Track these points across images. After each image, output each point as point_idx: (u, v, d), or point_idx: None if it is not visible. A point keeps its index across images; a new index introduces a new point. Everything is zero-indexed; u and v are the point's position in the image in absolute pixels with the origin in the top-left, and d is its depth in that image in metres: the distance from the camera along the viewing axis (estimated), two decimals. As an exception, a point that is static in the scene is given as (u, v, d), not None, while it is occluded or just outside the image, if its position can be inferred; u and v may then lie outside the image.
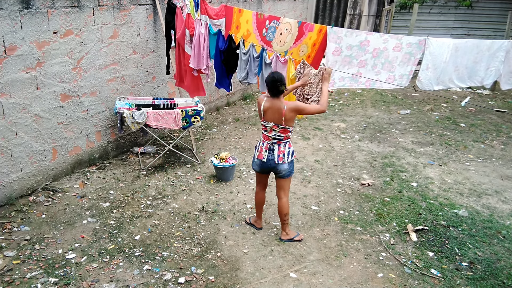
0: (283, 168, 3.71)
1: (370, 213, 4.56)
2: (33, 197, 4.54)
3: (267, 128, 3.69)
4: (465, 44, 4.32)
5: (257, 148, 3.84)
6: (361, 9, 11.53)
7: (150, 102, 5.49)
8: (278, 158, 3.68)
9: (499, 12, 11.38)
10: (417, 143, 6.65)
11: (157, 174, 5.25)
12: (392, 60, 4.09)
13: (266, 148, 3.73)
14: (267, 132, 3.70)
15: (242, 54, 4.86)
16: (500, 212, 4.66)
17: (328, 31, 3.97)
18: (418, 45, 4.08)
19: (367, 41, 4.00)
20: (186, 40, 5.31)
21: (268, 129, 3.69)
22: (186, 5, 5.20)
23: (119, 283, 3.35)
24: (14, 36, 4.11)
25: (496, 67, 4.54)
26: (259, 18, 4.63)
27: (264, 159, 3.74)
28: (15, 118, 4.29)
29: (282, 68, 4.36)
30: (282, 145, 3.69)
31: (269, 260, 3.72)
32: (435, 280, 3.56)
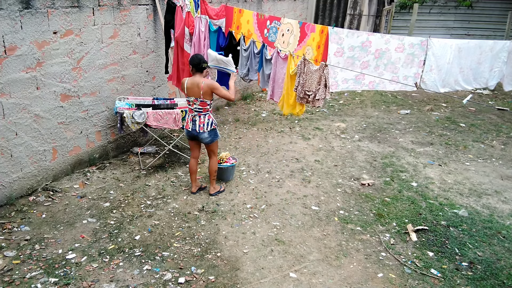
0: (204, 136, 4.36)
1: (370, 213, 4.56)
2: (33, 197, 4.54)
3: (190, 102, 4.31)
4: (467, 45, 4.32)
5: (186, 119, 4.48)
6: (361, 9, 11.52)
7: (150, 102, 5.49)
8: (199, 127, 4.31)
9: (499, 12, 11.38)
10: (417, 143, 6.65)
11: (157, 174, 5.25)
12: (395, 61, 4.10)
13: (191, 119, 4.36)
14: (190, 106, 4.32)
15: (243, 50, 4.86)
16: (500, 212, 4.66)
17: (329, 31, 3.97)
18: (421, 46, 4.08)
19: (368, 42, 4.00)
20: (186, 38, 5.31)
21: (190, 103, 4.31)
22: (186, 5, 5.20)
23: (119, 283, 3.35)
24: (14, 36, 4.11)
25: (499, 68, 4.55)
26: (259, 18, 4.63)
27: (190, 129, 4.37)
28: (15, 118, 4.29)
29: (282, 64, 4.36)
30: (202, 116, 4.31)
31: (269, 260, 3.72)
32: (435, 280, 3.56)
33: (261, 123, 7.31)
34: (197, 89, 4.20)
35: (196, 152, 4.66)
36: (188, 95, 4.30)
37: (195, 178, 4.73)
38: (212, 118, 4.38)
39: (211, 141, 4.43)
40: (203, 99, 4.22)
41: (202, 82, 4.18)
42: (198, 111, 4.30)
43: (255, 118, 7.55)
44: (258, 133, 6.82)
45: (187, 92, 4.29)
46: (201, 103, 4.25)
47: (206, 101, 4.25)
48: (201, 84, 4.17)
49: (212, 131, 4.38)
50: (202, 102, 4.25)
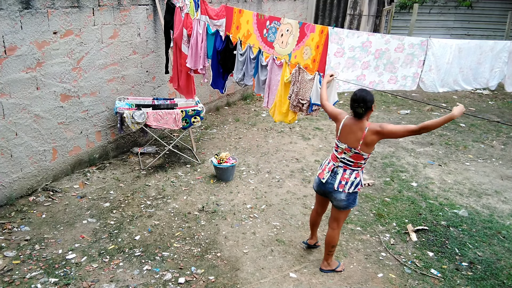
0: (340, 197, 3.26)
1: (370, 213, 4.56)
2: (33, 197, 4.54)
3: (339, 148, 3.28)
4: (468, 45, 4.31)
5: (321, 166, 3.48)
6: (361, 9, 11.52)
7: (150, 102, 5.49)
8: (338, 184, 3.25)
9: (499, 12, 11.39)
10: (417, 143, 6.65)
11: (157, 174, 5.25)
12: (394, 61, 4.09)
13: (330, 169, 3.33)
14: (337, 153, 3.30)
15: (239, 55, 4.85)
16: (500, 212, 4.66)
17: (329, 31, 3.97)
18: (421, 46, 4.07)
19: (369, 42, 3.99)
20: (184, 40, 5.31)
21: (339, 150, 3.29)
22: (186, 5, 5.20)
23: (119, 283, 3.35)
24: (14, 36, 4.11)
25: (500, 68, 4.54)
26: (259, 18, 4.62)
27: (324, 180, 3.34)
28: (15, 118, 4.29)
29: (277, 71, 4.35)
30: (349, 172, 3.24)
31: (269, 260, 3.72)
32: (435, 280, 3.56)
33: (261, 123, 7.31)
34: (355, 136, 3.13)
35: (320, 208, 3.68)
36: (340, 139, 3.26)
37: (315, 231, 3.82)
38: (360, 178, 3.27)
39: (346, 207, 3.31)
40: (360, 152, 3.16)
41: (366, 127, 3.09)
42: (346, 163, 3.25)
43: (255, 118, 7.55)
44: (258, 133, 6.82)
45: (340, 134, 3.25)
46: (354, 156, 3.18)
47: (363, 155, 3.17)
48: (364, 130, 3.09)
49: (353, 195, 3.27)
50: (356, 155, 3.18)
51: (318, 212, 3.71)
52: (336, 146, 3.33)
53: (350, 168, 3.24)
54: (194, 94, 5.73)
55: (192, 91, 5.71)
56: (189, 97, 5.72)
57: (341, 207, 3.32)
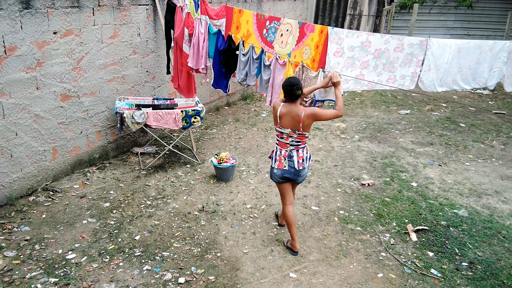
0: (304, 173, 3.69)
1: (370, 213, 4.56)
2: (33, 197, 4.54)
3: (283, 134, 3.58)
4: (467, 45, 4.32)
5: (274, 158, 3.73)
6: (361, 9, 11.52)
7: (150, 102, 5.49)
8: (298, 164, 3.61)
9: (499, 12, 11.38)
10: (417, 143, 6.65)
11: (157, 174, 5.25)
12: (393, 60, 4.10)
13: (285, 156, 3.63)
14: (284, 139, 3.61)
15: (242, 55, 4.85)
16: (500, 212, 4.66)
17: (329, 31, 3.97)
18: (420, 46, 4.08)
19: (368, 42, 4.00)
20: (185, 39, 5.31)
21: (284, 136, 3.59)
22: (186, 5, 5.20)
23: (119, 283, 3.35)
24: (14, 36, 4.11)
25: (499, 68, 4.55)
26: (259, 18, 4.63)
27: (286, 167, 3.64)
28: (15, 118, 4.29)
29: (281, 70, 4.36)
30: (301, 150, 3.62)
31: (269, 260, 3.72)
32: (435, 280, 3.56)
33: (261, 123, 7.31)
34: (295, 121, 3.50)
35: (292, 196, 3.90)
36: (282, 126, 3.57)
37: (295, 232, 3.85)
38: (309, 151, 3.75)
39: (304, 179, 3.81)
40: (303, 132, 3.54)
41: (301, 113, 3.45)
42: (295, 145, 3.61)
43: (255, 118, 7.55)
44: (258, 133, 6.82)
45: (280, 122, 3.56)
46: (299, 136, 3.56)
47: (305, 134, 3.57)
48: (301, 116, 3.45)
49: (308, 166, 3.75)
50: (300, 135, 3.56)
51: (292, 203, 3.90)
52: (279, 133, 3.64)
53: (300, 147, 3.64)
54: (194, 93, 5.73)
55: (193, 91, 5.72)
56: (189, 96, 5.73)
57: (303, 181, 3.83)
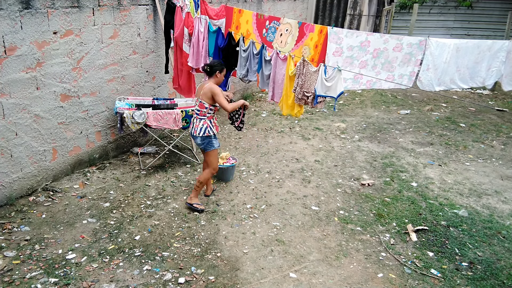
0: (197, 141, 4.27)
1: (370, 213, 4.56)
2: (33, 197, 4.54)
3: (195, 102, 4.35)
4: (466, 45, 4.32)
5: None
6: (361, 9, 11.52)
7: (150, 102, 5.49)
8: (193, 130, 4.25)
9: (499, 12, 11.38)
10: (417, 143, 6.65)
11: (157, 174, 5.25)
12: (391, 60, 4.10)
13: (192, 121, 4.34)
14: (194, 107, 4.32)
15: (242, 51, 4.85)
16: (500, 212, 4.66)
17: (328, 31, 3.97)
18: (419, 46, 4.08)
19: (367, 42, 4.00)
20: (185, 38, 5.31)
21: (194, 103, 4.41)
22: (186, 5, 5.20)
23: (119, 283, 3.36)
24: (14, 36, 4.11)
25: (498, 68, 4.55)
26: (259, 18, 4.63)
27: (191, 131, 4.32)
28: (15, 118, 4.29)
29: (282, 65, 4.36)
30: (198, 120, 4.22)
31: (269, 260, 3.72)
32: (435, 280, 3.56)
33: (261, 123, 7.32)
34: (200, 89, 4.22)
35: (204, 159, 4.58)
36: (196, 95, 4.33)
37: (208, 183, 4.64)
38: (207, 125, 4.23)
39: (204, 149, 4.32)
40: (201, 100, 4.16)
41: (207, 84, 4.18)
42: (196, 113, 4.25)
43: (255, 118, 7.55)
44: (258, 133, 6.83)
45: (196, 92, 4.34)
46: (199, 105, 4.19)
47: (203, 103, 4.16)
48: (205, 85, 4.17)
49: (205, 138, 4.24)
50: (200, 104, 4.19)
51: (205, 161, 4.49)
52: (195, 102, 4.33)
53: (199, 117, 4.23)
54: (194, 93, 5.73)
55: (193, 91, 5.72)
56: (189, 96, 5.73)
57: (203, 148, 4.32)
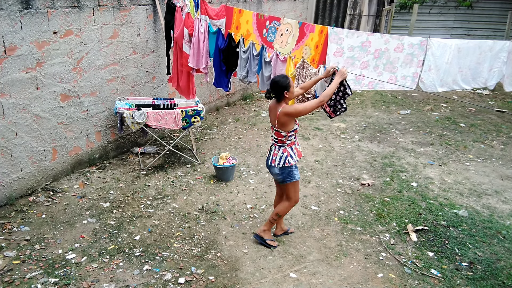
0: (274, 171, 3.65)
1: (370, 213, 4.56)
2: (33, 197, 4.54)
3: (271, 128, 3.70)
4: (467, 45, 4.32)
5: None
6: (361, 9, 11.52)
7: (150, 102, 5.49)
8: (271, 160, 3.64)
9: (499, 12, 11.38)
10: (417, 143, 6.65)
11: (157, 174, 5.25)
12: (393, 60, 4.10)
13: (269, 148, 3.75)
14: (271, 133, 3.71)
15: (242, 52, 4.85)
16: (500, 212, 4.66)
17: (329, 31, 3.97)
18: (420, 46, 4.08)
19: (368, 42, 4.00)
20: (185, 39, 5.30)
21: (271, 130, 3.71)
22: (186, 5, 5.20)
23: (119, 283, 3.35)
24: (14, 36, 4.11)
25: (499, 68, 4.55)
26: (259, 18, 4.63)
27: (266, 158, 3.78)
28: (15, 118, 4.29)
29: (282, 66, 4.36)
30: (277, 148, 3.62)
31: (269, 260, 3.72)
32: (435, 280, 3.56)
33: (261, 123, 7.31)
34: (273, 117, 3.55)
35: (279, 189, 3.94)
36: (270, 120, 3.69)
37: (281, 220, 4.00)
38: (288, 153, 3.59)
39: (282, 181, 3.67)
40: (278, 129, 3.52)
41: (278, 110, 3.46)
42: (274, 140, 3.65)
43: (255, 118, 7.55)
44: (258, 133, 6.82)
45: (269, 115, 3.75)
46: (276, 133, 3.58)
47: (281, 132, 3.53)
48: (278, 112, 3.46)
49: (284, 169, 3.60)
50: (276, 132, 3.56)
51: (279, 195, 3.94)
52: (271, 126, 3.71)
53: (277, 144, 3.63)
54: (194, 95, 5.72)
55: (192, 92, 5.70)
56: (189, 97, 5.72)
57: (279, 181, 3.71)
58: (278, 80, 3.43)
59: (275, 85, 3.43)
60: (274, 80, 3.46)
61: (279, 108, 3.46)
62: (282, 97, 3.46)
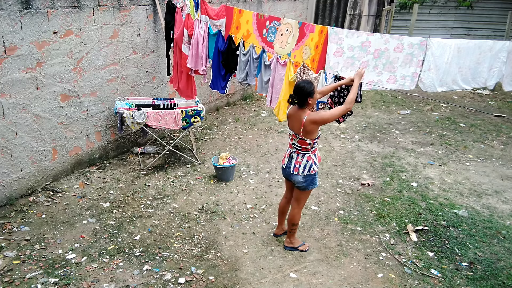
0: (297, 179, 3.57)
1: (370, 213, 4.56)
2: (33, 197, 4.54)
3: (290, 135, 3.62)
4: (467, 45, 4.32)
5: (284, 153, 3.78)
6: (361, 9, 11.52)
7: (150, 102, 5.49)
8: (293, 168, 3.56)
9: (499, 12, 11.38)
10: (417, 143, 6.65)
11: (157, 174, 5.25)
12: (393, 60, 4.10)
13: (288, 155, 3.66)
14: (290, 140, 3.63)
15: (242, 55, 4.85)
16: (500, 212, 4.66)
17: (329, 31, 3.97)
18: (420, 46, 4.08)
19: (368, 42, 4.00)
20: (184, 40, 5.30)
21: (290, 136, 3.61)
22: (186, 5, 5.20)
23: (119, 283, 3.35)
24: (14, 36, 4.11)
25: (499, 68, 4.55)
26: (259, 18, 4.63)
27: (284, 165, 3.68)
28: (15, 118, 4.29)
29: (281, 71, 4.35)
30: (301, 155, 3.54)
31: (269, 260, 3.72)
32: (435, 280, 3.56)
33: (261, 123, 7.32)
34: (297, 125, 3.45)
35: (289, 193, 3.91)
36: (288, 126, 3.60)
37: (282, 220, 4.04)
38: (312, 161, 3.56)
39: (304, 188, 3.62)
40: (303, 137, 3.46)
41: (304, 117, 3.38)
42: (297, 148, 3.56)
43: (255, 118, 7.55)
44: (258, 133, 6.83)
45: (288, 122, 3.60)
46: (299, 141, 3.50)
47: (306, 140, 3.47)
48: (303, 120, 3.38)
49: (308, 176, 3.56)
50: (301, 140, 3.49)
51: (287, 198, 3.94)
52: (288, 134, 3.65)
53: (301, 152, 3.56)
54: (194, 95, 5.72)
55: (192, 93, 5.69)
56: (189, 98, 5.71)
57: (301, 189, 3.64)
58: (303, 86, 3.34)
59: (300, 91, 3.34)
60: (299, 86, 3.36)
61: (303, 116, 3.37)
62: (306, 103, 3.37)
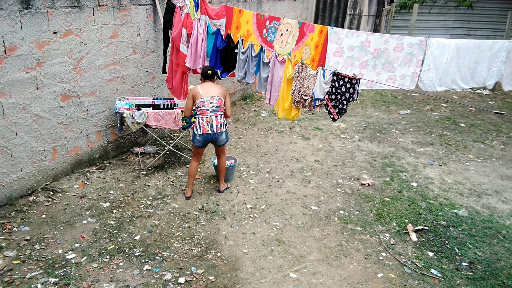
0: (222, 137, 4.42)
1: (370, 213, 4.56)
2: (33, 197, 4.54)
3: (205, 102, 4.30)
4: (466, 45, 4.32)
5: (198, 126, 4.36)
6: (361, 9, 11.52)
7: (150, 102, 5.49)
8: (216, 128, 4.33)
9: (499, 12, 11.38)
10: (417, 143, 6.65)
11: (157, 174, 5.25)
12: (392, 60, 4.10)
13: (206, 122, 4.32)
14: (206, 106, 4.30)
15: (241, 53, 4.85)
16: (500, 212, 4.66)
17: (329, 31, 3.97)
18: (419, 46, 4.08)
19: (368, 42, 4.00)
20: (183, 39, 5.30)
21: (206, 103, 4.30)
22: (186, 5, 5.20)
23: (119, 283, 3.36)
24: (14, 36, 4.11)
25: (498, 68, 4.55)
26: (259, 18, 4.63)
27: (208, 131, 4.33)
28: (15, 118, 4.29)
29: (280, 68, 4.36)
30: (219, 117, 4.35)
31: (269, 260, 3.72)
32: (435, 280, 3.56)
33: (261, 123, 7.32)
34: (215, 89, 4.37)
35: (201, 157, 4.71)
36: (203, 96, 4.32)
37: (192, 183, 4.75)
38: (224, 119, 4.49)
39: (226, 142, 4.52)
40: (221, 97, 4.35)
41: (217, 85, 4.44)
42: (214, 110, 4.34)
43: (255, 118, 7.55)
44: (258, 133, 6.83)
45: (202, 92, 4.33)
46: (218, 101, 4.33)
47: (222, 100, 4.37)
48: (218, 85, 4.43)
49: (226, 132, 4.49)
50: (219, 100, 4.33)
51: (199, 161, 4.69)
52: (201, 103, 4.32)
53: (218, 114, 4.37)
54: (186, 95, 5.65)
55: (181, 93, 5.62)
56: (180, 98, 5.65)
57: (224, 143, 4.51)
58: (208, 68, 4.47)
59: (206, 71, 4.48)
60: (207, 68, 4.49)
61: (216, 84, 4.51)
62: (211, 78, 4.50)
